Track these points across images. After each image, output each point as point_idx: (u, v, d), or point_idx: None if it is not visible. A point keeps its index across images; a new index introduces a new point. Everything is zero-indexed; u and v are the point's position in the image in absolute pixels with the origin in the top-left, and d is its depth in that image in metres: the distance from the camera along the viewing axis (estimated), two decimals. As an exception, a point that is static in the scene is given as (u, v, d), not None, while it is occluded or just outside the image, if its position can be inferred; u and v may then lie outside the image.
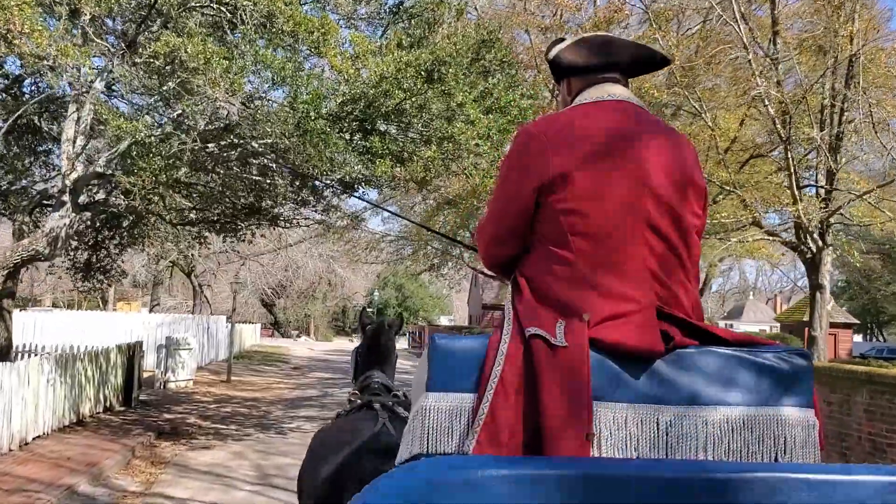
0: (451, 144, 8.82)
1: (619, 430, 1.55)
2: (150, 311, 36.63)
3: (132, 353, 13.56)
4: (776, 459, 1.57)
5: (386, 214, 24.22)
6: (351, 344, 56.54)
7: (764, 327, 58.08)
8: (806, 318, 31.58)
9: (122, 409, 12.82)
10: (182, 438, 10.70)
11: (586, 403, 1.51)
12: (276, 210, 13.63)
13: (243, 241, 14.84)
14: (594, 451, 1.52)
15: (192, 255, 31.30)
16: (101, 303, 51.58)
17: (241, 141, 9.22)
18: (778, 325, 62.46)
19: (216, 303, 51.27)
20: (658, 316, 1.66)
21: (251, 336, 36.16)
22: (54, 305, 47.10)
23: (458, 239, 21.80)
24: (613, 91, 1.85)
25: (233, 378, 19.16)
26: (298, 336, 57.05)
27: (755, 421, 1.58)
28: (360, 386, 3.39)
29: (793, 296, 71.23)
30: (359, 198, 15.62)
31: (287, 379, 21.24)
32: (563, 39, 1.99)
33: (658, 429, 1.56)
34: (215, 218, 13.71)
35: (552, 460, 1.44)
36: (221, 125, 8.92)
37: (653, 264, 1.70)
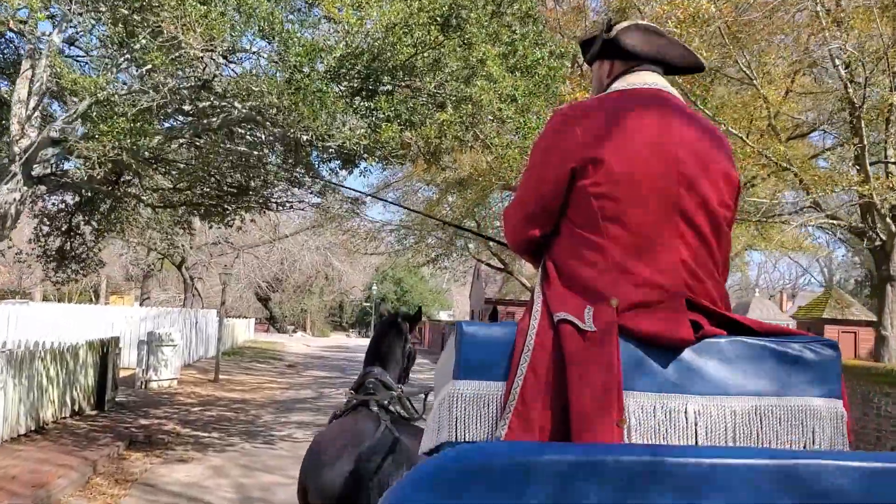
0: (469, 106, 7.42)
1: (648, 419, 1.52)
2: (141, 304, 35.42)
3: (106, 350, 12.18)
4: (804, 449, 1.54)
5: (388, 201, 22.85)
6: (348, 339, 55.51)
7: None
8: (826, 315, 30.37)
9: (94, 412, 11.44)
10: (156, 449, 9.33)
11: (616, 389, 1.49)
12: (266, 191, 12.29)
13: (231, 226, 13.43)
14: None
15: (183, 245, 30.10)
16: (93, 296, 50.43)
17: (223, 103, 7.82)
18: (790, 322, 61.53)
19: (209, 297, 50.03)
20: (687, 305, 1.63)
21: (244, 331, 34.74)
22: (44, 299, 45.66)
23: (464, 226, 20.49)
24: (652, 80, 1.84)
25: (221, 377, 17.78)
26: (294, 331, 55.75)
27: (783, 411, 1.56)
28: (356, 384, 3.30)
29: (797, 293, 71.20)
30: (357, 192, 14.20)
31: (280, 378, 19.84)
32: (617, 22, 1.97)
33: (686, 418, 1.53)
34: (198, 200, 12.33)
35: (592, 447, 1.39)
36: (198, 82, 7.52)
37: (684, 253, 1.67)
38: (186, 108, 7.99)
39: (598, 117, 1.74)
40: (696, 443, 1.52)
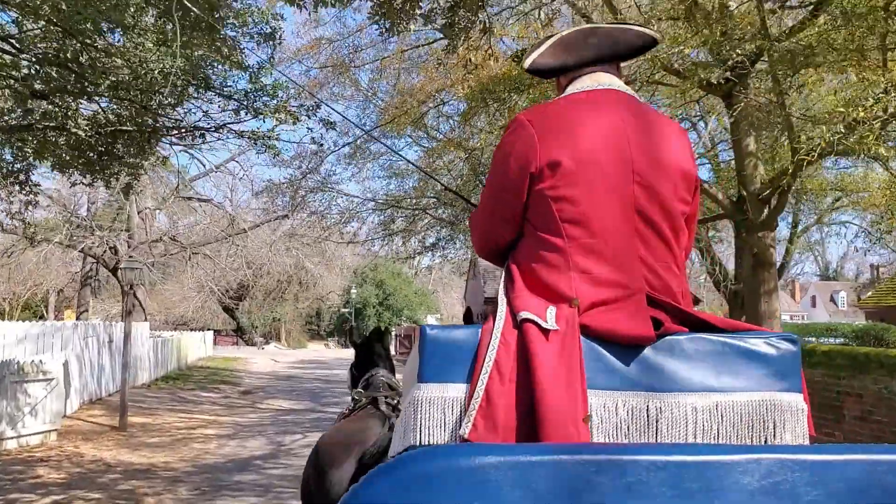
0: None
1: (610, 417, 1.53)
2: (78, 319, 29.97)
3: None
4: (766, 444, 1.55)
5: (363, 176, 17.42)
6: (327, 350, 49.80)
7: (784, 317, 52.65)
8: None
9: None
10: None
11: (580, 387, 1.50)
12: (155, 106, 6.86)
13: (110, 181, 7.92)
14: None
15: (113, 244, 24.53)
16: (44, 311, 44.68)
17: None
18: (801, 314, 57.09)
19: (165, 308, 44.18)
20: (648, 303, 1.64)
21: (198, 347, 28.96)
22: (-15, 317, 39.52)
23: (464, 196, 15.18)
24: (602, 80, 1.85)
25: (136, 419, 12.21)
26: (266, 343, 50.08)
27: (744, 406, 1.57)
28: (363, 384, 3.21)
29: (811, 284, 68.47)
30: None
31: (225, 414, 14.20)
32: (538, 45, 1.94)
33: (648, 415, 1.53)
34: (28, 121, 6.81)
35: (557, 446, 1.38)
36: None
37: (642, 250, 1.70)
38: None
39: (552, 121, 1.74)
40: (657, 440, 1.51)
